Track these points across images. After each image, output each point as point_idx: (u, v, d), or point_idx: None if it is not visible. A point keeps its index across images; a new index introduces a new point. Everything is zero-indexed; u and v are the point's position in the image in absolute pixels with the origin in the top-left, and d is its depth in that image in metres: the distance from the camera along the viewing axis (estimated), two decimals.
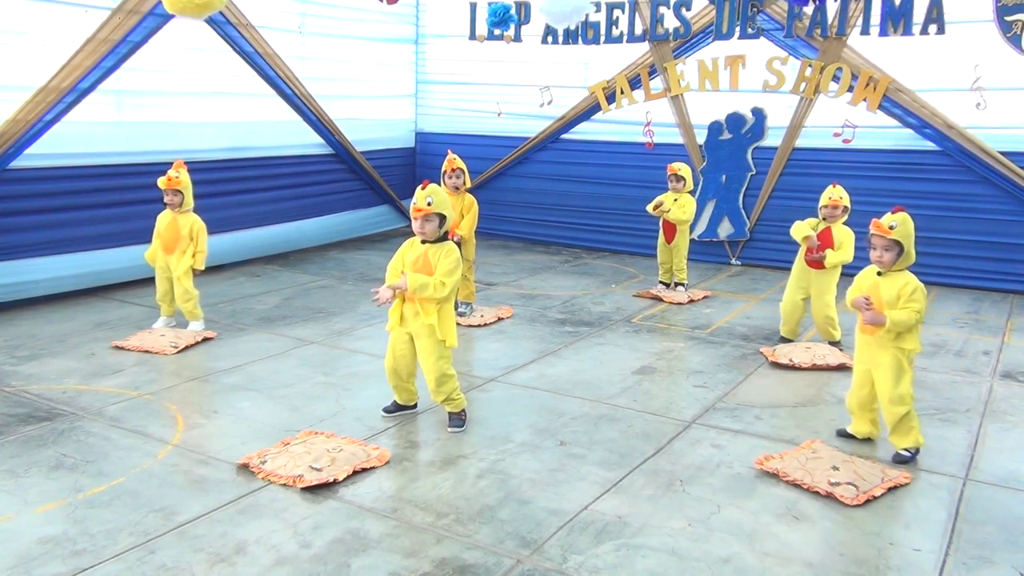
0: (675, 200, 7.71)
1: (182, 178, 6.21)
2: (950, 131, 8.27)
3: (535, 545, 3.49)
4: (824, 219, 6.25)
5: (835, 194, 6.20)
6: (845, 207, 6.22)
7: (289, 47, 9.25)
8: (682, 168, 7.76)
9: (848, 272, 6.27)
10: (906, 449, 4.38)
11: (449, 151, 6.81)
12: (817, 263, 6.19)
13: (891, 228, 4.24)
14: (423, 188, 4.45)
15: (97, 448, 4.32)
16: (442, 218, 4.50)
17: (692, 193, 8.06)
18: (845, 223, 6.24)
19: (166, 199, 6.25)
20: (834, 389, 5.45)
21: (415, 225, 4.50)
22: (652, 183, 8.83)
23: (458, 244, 6.34)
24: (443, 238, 4.57)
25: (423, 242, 4.54)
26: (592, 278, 8.73)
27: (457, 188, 6.65)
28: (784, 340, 6.47)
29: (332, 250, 9.89)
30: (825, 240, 6.20)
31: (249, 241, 8.92)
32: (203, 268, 6.41)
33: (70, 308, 6.99)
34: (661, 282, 8.08)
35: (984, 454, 4.52)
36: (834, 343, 6.38)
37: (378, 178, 10.67)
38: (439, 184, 5.01)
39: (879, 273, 4.39)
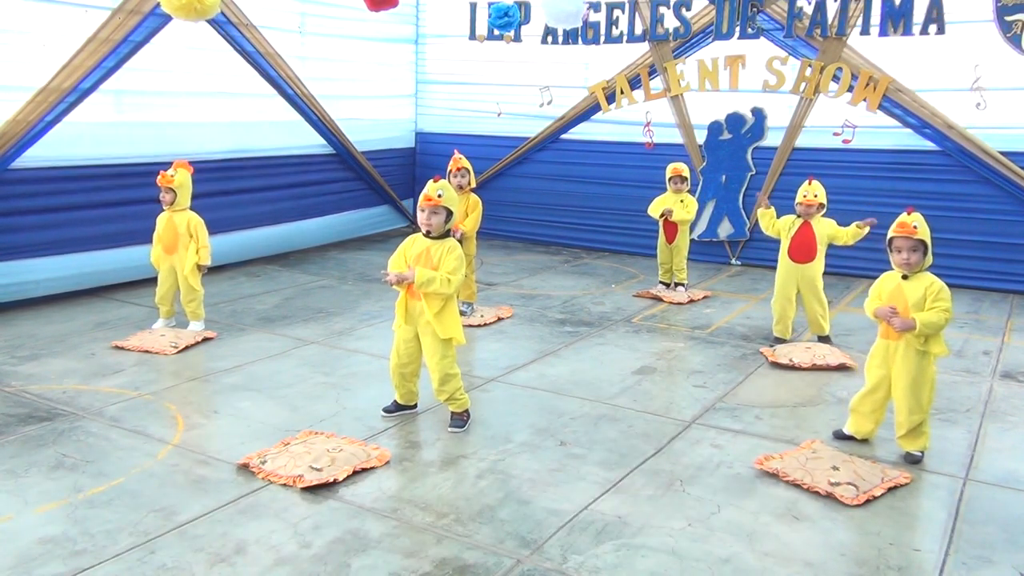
0: (681, 201, 7.73)
1: (177, 177, 6.21)
2: (950, 131, 8.27)
3: (535, 545, 3.49)
4: (799, 216, 6.28)
5: (810, 192, 6.22)
6: (821, 204, 6.23)
7: (289, 47, 9.25)
8: (685, 168, 7.80)
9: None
10: (917, 451, 4.38)
11: (456, 151, 6.83)
12: (806, 256, 6.22)
13: (915, 228, 4.21)
14: (435, 181, 4.50)
15: (97, 448, 4.32)
16: (449, 213, 4.52)
17: (691, 192, 8.08)
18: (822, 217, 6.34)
19: (160, 196, 6.26)
20: (834, 389, 5.45)
21: (422, 216, 4.52)
22: (652, 183, 8.82)
23: (459, 241, 6.36)
24: (446, 235, 4.59)
25: (427, 235, 4.55)
26: (592, 278, 8.73)
27: (461, 187, 6.70)
28: (778, 340, 6.46)
29: (332, 250, 9.89)
30: (806, 236, 6.23)
31: (249, 241, 8.92)
32: (209, 262, 6.38)
33: (70, 308, 6.99)
34: (661, 282, 8.08)
35: (984, 454, 4.52)
36: (823, 337, 6.39)
37: (378, 178, 10.67)
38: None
39: (904, 277, 4.32)
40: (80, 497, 3.79)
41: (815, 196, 6.19)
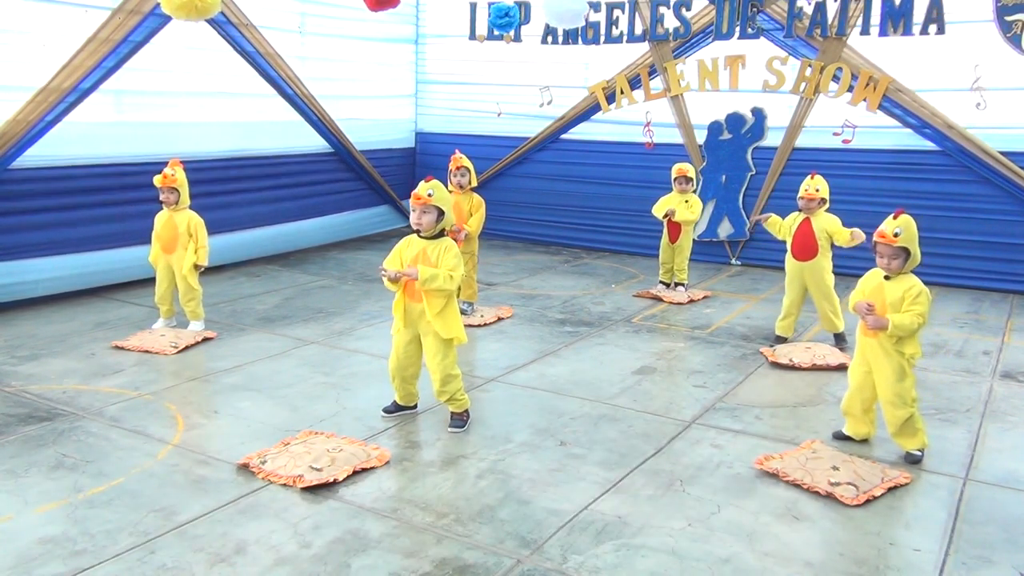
0: (686, 201, 7.74)
1: (178, 176, 6.21)
2: (950, 131, 8.27)
3: (535, 545, 3.49)
4: (801, 211, 6.27)
5: (811, 186, 6.21)
6: (823, 199, 6.23)
7: (289, 47, 9.25)
8: (690, 169, 7.80)
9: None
10: (916, 450, 4.39)
11: (456, 150, 6.84)
12: (808, 254, 6.20)
13: (896, 235, 4.20)
14: (426, 181, 4.50)
15: (97, 448, 4.32)
16: (440, 214, 4.51)
17: (693, 192, 8.10)
18: (827, 211, 6.31)
19: (162, 197, 6.25)
20: (834, 389, 5.45)
21: (413, 216, 4.52)
22: (652, 183, 8.84)
23: (462, 239, 6.37)
24: (440, 235, 4.58)
25: (419, 235, 4.55)
26: (592, 278, 8.73)
27: (462, 186, 6.72)
28: (779, 339, 6.47)
29: (332, 250, 9.89)
30: (806, 234, 6.21)
31: (249, 241, 8.92)
32: (206, 263, 6.39)
33: (70, 308, 6.99)
34: (661, 282, 8.08)
35: (984, 454, 4.52)
36: (838, 335, 6.37)
37: (378, 178, 10.67)
38: (445, 183, 5.04)
39: (887, 277, 4.35)
40: (80, 497, 3.79)
41: (816, 190, 6.19)
